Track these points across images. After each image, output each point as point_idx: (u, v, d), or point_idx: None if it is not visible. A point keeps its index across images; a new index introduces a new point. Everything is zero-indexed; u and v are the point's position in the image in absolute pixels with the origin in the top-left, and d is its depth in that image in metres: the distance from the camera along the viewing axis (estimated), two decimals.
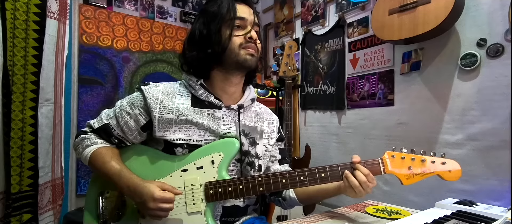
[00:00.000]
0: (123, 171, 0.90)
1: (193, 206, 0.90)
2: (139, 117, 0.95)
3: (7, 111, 1.58)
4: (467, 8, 1.62)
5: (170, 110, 0.94)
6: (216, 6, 0.96)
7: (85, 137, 0.98)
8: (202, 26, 0.97)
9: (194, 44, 0.98)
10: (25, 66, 1.66)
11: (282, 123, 2.00)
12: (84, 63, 2.30)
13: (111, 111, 1.00)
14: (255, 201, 1.07)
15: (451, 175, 0.84)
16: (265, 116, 1.10)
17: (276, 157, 1.11)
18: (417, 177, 0.85)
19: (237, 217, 1.00)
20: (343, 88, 2.30)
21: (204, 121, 0.94)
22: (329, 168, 0.88)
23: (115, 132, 0.97)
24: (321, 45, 2.48)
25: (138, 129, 0.96)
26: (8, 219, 1.60)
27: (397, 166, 0.86)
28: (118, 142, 0.99)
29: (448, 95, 1.72)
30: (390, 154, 0.88)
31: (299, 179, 0.89)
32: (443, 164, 0.85)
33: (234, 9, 0.95)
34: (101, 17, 2.37)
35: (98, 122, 0.99)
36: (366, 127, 2.15)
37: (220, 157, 0.92)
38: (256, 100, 1.11)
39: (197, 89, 0.97)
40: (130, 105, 0.97)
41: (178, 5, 2.78)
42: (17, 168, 1.65)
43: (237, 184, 0.89)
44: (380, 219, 0.99)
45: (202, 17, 0.99)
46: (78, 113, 2.27)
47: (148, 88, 0.96)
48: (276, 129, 1.12)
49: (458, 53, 1.66)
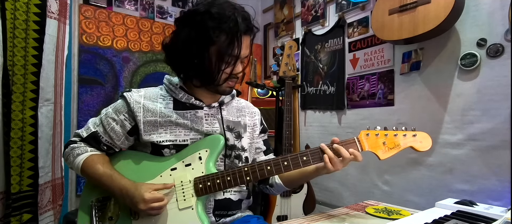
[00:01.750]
0: (114, 175, 0.93)
1: (184, 202, 0.92)
2: (125, 122, 0.97)
3: (7, 111, 1.58)
4: (467, 8, 1.62)
5: (154, 113, 0.96)
6: (219, 31, 0.88)
7: (75, 146, 1.00)
8: (195, 42, 0.90)
9: (179, 51, 0.94)
10: (25, 66, 1.66)
11: (282, 123, 2.00)
12: (84, 63, 2.30)
13: (98, 119, 1.01)
14: (248, 195, 1.09)
15: (422, 146, 0.90)
16: (247, 110, 1.12)
17: (261, 148, 1.14)
18: (392, 150, 0.91)
19: (231, 211, 1.02)
20: (343, 88, 2.30)
21: (188, 122, 0.97)
22: (310, 151, 0.93)
23: (103, 139, 0.99)
24: (321, 45, 2.48)
25: (125, 134, 0.98)
26: (8, 219, 1.60)
27: (373, 143, 0.92)
28: (107, 149, 1.01)
29: (448, 95, 1.72)
30: (364, 132, 0.93)
31: (283, 165, 0.92)
32: (414, 137, 0.91)
33: (239, 47, 0.90)
34: (101, 17, 2.37)
35: (86, 131, 1.01)
36: (366, 127, 2.15)
37: (206, 153, 0.95)
38: (236, 96, 1.14)
39: (177, 92, 0.99)
40: (115, 112, 0.99)
41: (178, 5, 2.78)
42: (17, 168, 1.65)
43: (225, 176, 0.92)
44: (380, 219, 0.99)
45: (199, 27, 0.89)
46: (78, 113, 2.27)
47: (130, 95, 0.98)
48: (258, 122, 1.14)
49: (458, 53, 1.66)
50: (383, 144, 0.91)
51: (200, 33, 0.89)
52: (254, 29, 0.95)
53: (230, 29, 0.88)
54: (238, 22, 0.88)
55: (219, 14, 0.88)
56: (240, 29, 0.89)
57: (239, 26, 0.89)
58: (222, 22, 0.88)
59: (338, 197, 2.34)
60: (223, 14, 0.88)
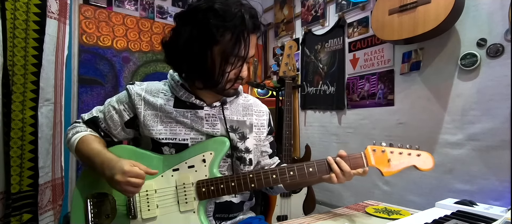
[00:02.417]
0: (102, 150, 0.90)
1: (186, 205, 0.90)
2: (123, 112, 0.97)
3: (7, 111, 1.58)
4: (467, 8, 1.61)
5: (154, 107, 0.95)
6: (223, 30, 0.80)
7: (77, 126, 1.02)
8: (197, 41, 0.83)
9: (180, 51, 0.88)
10: (25, 66, 1.66)
11: (282, 123, 2.00)
12: (84, 63, 2.30)
13: (101, 106, 1.03)
14: (250, 197, 1.07)
15: (425, 165, 0.91)
16: (254, 109, 1.08)
17: (267, 152, 1.10)
18: (395, 167, 0.92)
19: (232, 213, 1.00)
20: (343, 88, 2.30)
21: (188, 121, 0.95)
22: (316, 163, 0.92)
23: (102, 125, 1.00)
24: (321, 45, 2.48)
25: (121, 124, 0.98)
26: (8, 219, 1.60)
27: (378, 159, 0.93)
28: (104, 136, 1.01)
29: (448, 95, 1.72)
30: (371, 148, 0.93)
31: (289, 174, 0.91)
32: (418, 156, 0.91)
33: (246, 47, 0.83)
34: (101, 17, 2.37)
35: (88, 115, 1.03)
36: (366, 127, 2.15)
37: (211, 155, 0.93)
38: (243, 93, 1.09)
39: (178, 90, 0.96)
40: (116, 101, 1.00)
41: (178, 5, 2.78)
42: (17, 168, 1.65)
43: (229, 181, 0.90)
44: (380, 219, 0.99)
45: (201, 24, 0.82)
46: (78, 113, 2.27)
47: (132, 87, 0.99)
48: (266, 123, 1.09)
49: (458, 53, 1.66)
50: (388, 161, 0.91)
51: (203, 32, 0.81)
52: (261, 27, 0.87)
53: (236, 27, 0.80)
54: (245, 19, 0.81)
55: (223, 11, 0.80)
56: (247, 27, 0.82)
57: (246, 24, 0.81)
58: (227, 19, 0.80)
59: (338, 197, 2.34)
60: (229, 10, 0.80)
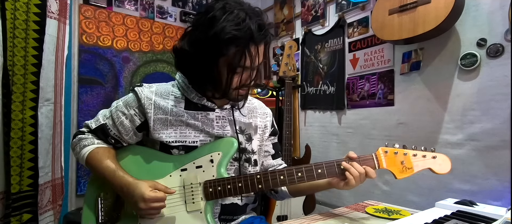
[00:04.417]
0: (118, 170, 0.90)
1: (193, 205, 0.90)
2: (135, 117, 0.95)
3: (7, 111, 1.58)
4: (467, 8, 1.62)
5: (165, 111, 0.94)
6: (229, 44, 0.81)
7: (83, 137, 0.98)
8: (205, 53, 0.85)
9: (189, 62, 0.91)
10: (25, 66, 1.66)
11: (282, 123, 2.00)
12: (84, 63, 2.30)
13: (108, 112, 0.99)
14: (254, 200, 1.07)
15: (441, 168, 0.87)
16: (258, 111, 1.10)
17: (269, 152, 1.11)
18: (409, 171, 0.88)
19: (236, 215, 1.01)
20: (343, 88, 2.30)
21: (198, 123, 0.95)
22: (325, 164, 0.90)
23: (111, 132, 0.97)
24: (321, 45, 2.48)
25: (133, 129, 0.96)
26: (8, 219, 1.60)
27: (391, 161, 0.89)
28: (115, 142, 0.99)
29: (448, 95, 1.72)
30: (383, 149, 0.90)
31: (297, 176, 0.90)
32: (433, 158, 0.88)
33: (251, 59, 0.84)
34: (101, 17, 2.37)
35: (95, 122, 0.99)
36: (366, 127, 2.15)
37: (219, 156, 0.93)
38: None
39: (189, 92, 0.96)
40: (125, 106, 0.96)
41: (178, 5, 2.78)
42: (17, 168, 1.65)
43: (236, 182, 0.90)
44: (380, 219, 0.99)
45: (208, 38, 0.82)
46: (78, 113, 2.27)
47: (142, 90, 0.96)
48: (269, 124, 1.11)
49: (458, 53, 1.66)
50: (401, 163, 0.87)
51: (209, 45, 0.83)
52: (269, 37, 0.88)
53: (242, 41, 0.81)
54: (253, 32, 0.81)
55: (230, 25, 0.80)
56: (255, 41, 0.83)
57: (254, 38, 0.82)
58: (233, 36, 0.80)
59: (338, 197, 2.34)
60: (237, 23, 0.81)
